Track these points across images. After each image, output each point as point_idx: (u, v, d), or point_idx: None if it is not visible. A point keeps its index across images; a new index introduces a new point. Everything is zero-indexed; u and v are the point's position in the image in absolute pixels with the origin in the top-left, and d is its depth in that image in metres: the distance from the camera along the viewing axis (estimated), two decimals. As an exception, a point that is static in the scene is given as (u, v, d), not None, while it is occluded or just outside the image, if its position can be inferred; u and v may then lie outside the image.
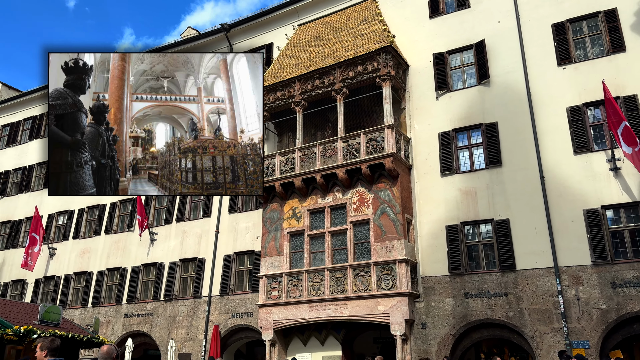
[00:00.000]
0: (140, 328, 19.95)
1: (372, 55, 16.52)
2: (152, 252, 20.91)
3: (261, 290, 16.87)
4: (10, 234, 25.79)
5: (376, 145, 15.80)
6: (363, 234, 15.79)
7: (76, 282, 22.62)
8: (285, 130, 19.32)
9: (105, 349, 4.37)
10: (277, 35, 21.23)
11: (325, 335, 16.11)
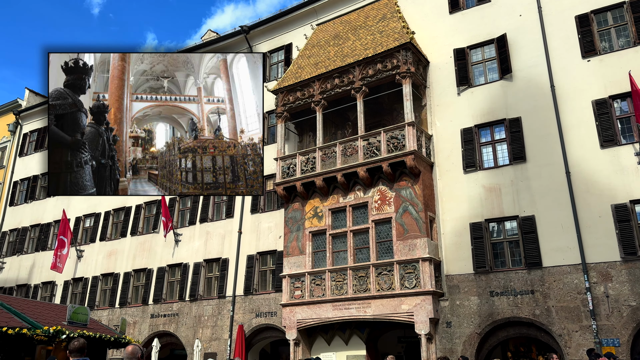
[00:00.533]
0: (166, 328, 20.23)
1: (391, 52, 16.41)
2: (177, 253, 21.18)
3: (284, 290, 16.93)
4: (40, 237, 26.43)
5: (397, 143, 15.70)
6: (385, 232, 15.71)
7: (103, 283, 23.06)
8: (306, 130, 19.34)
9: (130, 349, 4.43)
10: (296, 35, 21.27)
11: (349, 335, 16.09)
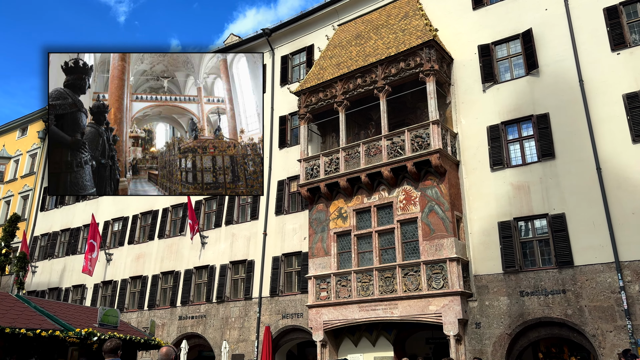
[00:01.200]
0: (194, 330, 20.43)
1: (414, 50, 16.26)
2: (203, 255, 21.38)
3: (310, 291, 16.91)
4: (70, 241, 27.00)
5: (421, 142, 15.53)
6: (411, 232, 15.55)
7: (132, 286, 23.42)
8: (329, 131, 19.31)
9: (164, 351, 4.46)
10: (318, 36, 21.26)
11: (376, 336, 15.97)
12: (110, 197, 25.86)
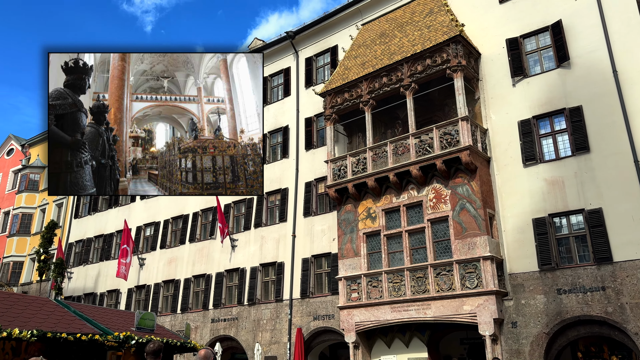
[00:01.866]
0: (226, 332, 20.59)
1: (440, 46, 16.06)
2: (233, 258, 21.54)
3: (341, 292, 16.84)
4: (104, 247, 27.58)
5: (450, 139, 15.31)
6: (442, 231, 15.34)
7: (165, 289, 23.76)
8: (355, 131, 19.22)
9: (202, 353, 4.48)
10: (342, 37, 21.22)
11: (410, 337, 15.80)
12: (142, 203, 26.35)
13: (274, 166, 21.79)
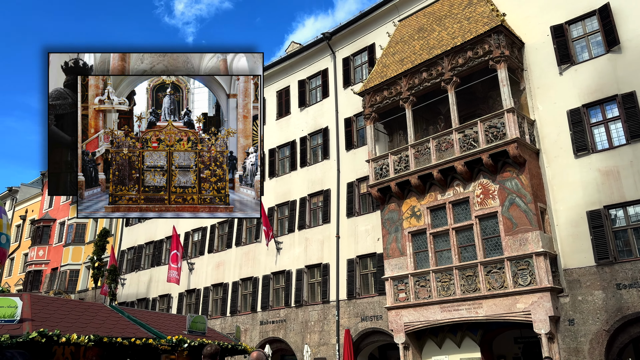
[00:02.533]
0: (275, 334, 20.74)
1: (482, 38, 15.63)
2: (279, 261, 21.69)
3: (388, 293, 16.64)
4: (154, 253, 28.36)
5: (496, 132, 14.87)
6: (491, 228, 14.91)
7: (214, 293, 24.18)
8: (396, 129, 18.98)
9: (255, 355, 4.47)
10: (379, 35, 21.02)
11: (461, 337, 15.43)
12: (187, 209, 26.89)
13: (315, 168, 21.80)
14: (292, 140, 23.19)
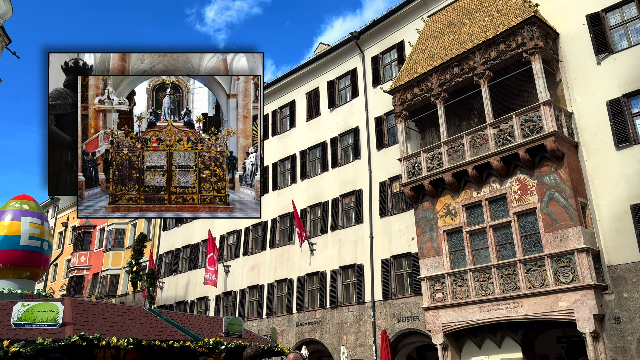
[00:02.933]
0: (311, 335, 20.73)
1: (514, 30, 15.23)
2: (313, 262, 21.68)
3: (424, 293, 16.39)
4: (191, 256, 28.81)
5: (532, 126, 14.45)
6: (530, 224, 14.48)
7: (250, 295, 24.37)
8: (427, 126, 18.69)
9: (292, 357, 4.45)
10: (407, 31, 20.77)
11: (501, 337, 15.04)
12: (222, 213, 27.22)
13: (347, 168, 21.71)
14: (322, 142, 23.17)
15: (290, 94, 25.67)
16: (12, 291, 12.05)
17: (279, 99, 26.20)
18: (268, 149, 25.99)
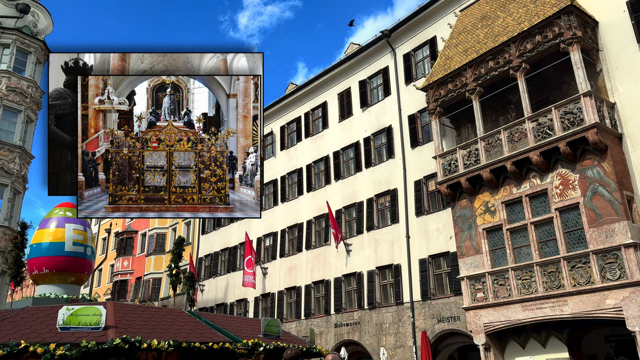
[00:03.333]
0: (350, 337, 20.64)
1: (551, 20, 14.75)
2: (349, 263, 21.59)
3: (464, 293, 16.06)
4: (229, 259, 29.20)
5: (573, 119, 13.95)
6: (573, 220, 13.99)
7: (288, 297, 24.49)
8: (463, 122, 18.33)
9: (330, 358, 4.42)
10: (439, 27, 20.45)
11: (546, 336, 14.58)
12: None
13: (381, 168, 21.54)
14: (355, 142, 23.07)
15: (322, 96, 25.68)
16: (59, 296, 12.48)
17: (310, 101, 26.26)
18: (301, 151, 26.10)
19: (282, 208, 26.20)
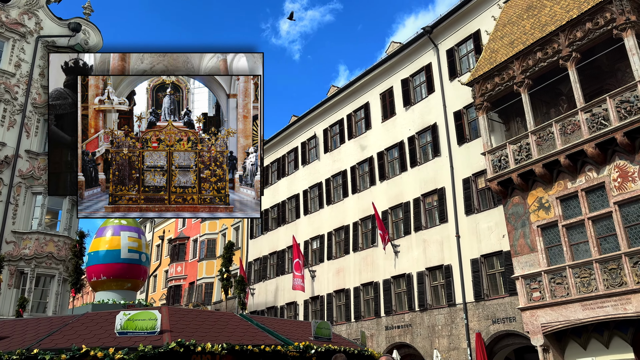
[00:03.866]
0: (402, 339, 20.35)
1: (601, 6, 14.09)
2: (398, 264, 21.32)
3: (520, 293, 15.53)
4: (278, 262, 29.48)
5: (630, 107, 13.25)
6: (634, 214, 13.28)
7: (337, 299, 24.45)
8: (512, 117, 17.76)
9: (382, 360, 4.34)
10: (483, 20, 19.93)
11: (609, 336, 13.89)
12: (305, 218, 27.63)
13: (426, 166, 21.18)
14: (399, 141, 22.79)
15: (364, 97, 25.54)
16: (116, 302, 12.93)
17: (352, 102, 26.18)
18: (345, 153, 26.05)
19: (328, 211, 26.22)
